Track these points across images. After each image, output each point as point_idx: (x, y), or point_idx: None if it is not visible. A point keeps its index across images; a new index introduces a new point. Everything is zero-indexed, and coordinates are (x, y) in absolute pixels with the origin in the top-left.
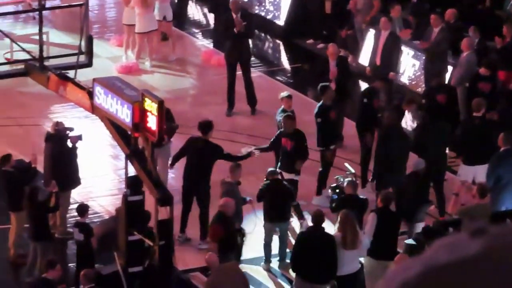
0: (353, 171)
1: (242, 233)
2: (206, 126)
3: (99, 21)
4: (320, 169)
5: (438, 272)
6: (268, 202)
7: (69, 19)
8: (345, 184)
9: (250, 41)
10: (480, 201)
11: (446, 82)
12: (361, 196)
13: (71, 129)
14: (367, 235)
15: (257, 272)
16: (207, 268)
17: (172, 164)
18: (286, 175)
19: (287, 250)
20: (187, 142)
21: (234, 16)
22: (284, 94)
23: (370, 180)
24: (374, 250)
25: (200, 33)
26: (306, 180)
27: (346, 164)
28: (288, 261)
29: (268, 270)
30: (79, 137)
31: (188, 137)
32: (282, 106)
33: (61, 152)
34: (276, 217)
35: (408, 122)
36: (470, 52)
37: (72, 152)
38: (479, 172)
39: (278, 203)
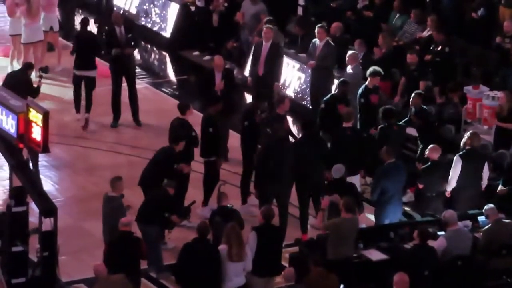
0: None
1: None
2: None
3: None
4: (206, 180)
5: None
6: None
7: None
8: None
9: (135, 53)
10: (346, 216)
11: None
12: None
13: None
14: (250, 253)
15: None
16: (92, 280)
17: None
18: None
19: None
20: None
21: (117, 29)
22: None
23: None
24: (257, 268)
25: None
26: (192, 192)
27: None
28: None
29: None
30: None
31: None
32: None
33: None
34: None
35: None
36: (355, 66)
37: None
38: None
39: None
